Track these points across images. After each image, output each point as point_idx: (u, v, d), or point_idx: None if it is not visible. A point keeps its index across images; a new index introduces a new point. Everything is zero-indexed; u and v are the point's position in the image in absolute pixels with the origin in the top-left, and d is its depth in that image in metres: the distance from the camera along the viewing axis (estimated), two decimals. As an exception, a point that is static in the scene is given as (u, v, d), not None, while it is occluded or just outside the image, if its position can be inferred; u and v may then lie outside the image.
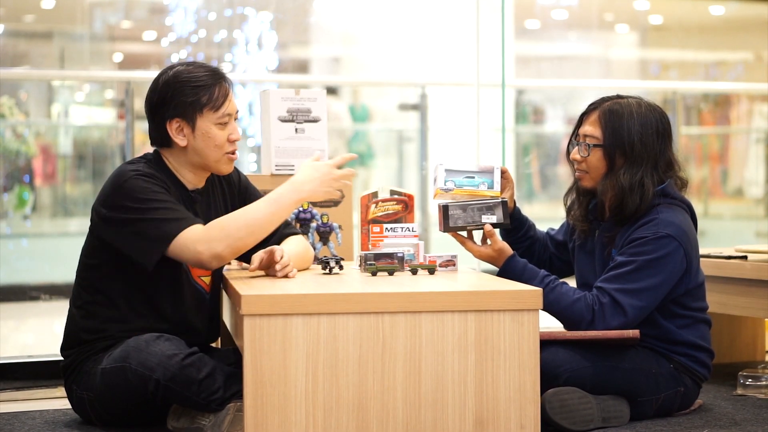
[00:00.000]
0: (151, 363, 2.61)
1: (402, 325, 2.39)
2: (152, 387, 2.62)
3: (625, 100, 2.96)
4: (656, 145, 2.92)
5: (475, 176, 3.00)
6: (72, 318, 2.86)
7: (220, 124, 2.80)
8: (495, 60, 4.49)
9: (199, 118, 2.78)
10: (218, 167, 2.85)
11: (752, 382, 3.28)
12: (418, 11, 9.32)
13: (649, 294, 2.83)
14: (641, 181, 2.88)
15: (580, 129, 2.99)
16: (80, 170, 8.44)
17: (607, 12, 10.79)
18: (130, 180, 2.72)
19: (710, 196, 9.94)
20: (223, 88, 2.82)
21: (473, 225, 2.94)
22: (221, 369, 2.67)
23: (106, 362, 2.71)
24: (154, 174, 2.77)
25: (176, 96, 2.78)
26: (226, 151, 2.82)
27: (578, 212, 3.04)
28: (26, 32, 9.44)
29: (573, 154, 2.99)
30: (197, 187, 2.88)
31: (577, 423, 2.75)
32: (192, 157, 2.83)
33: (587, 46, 11.00)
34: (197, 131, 2.79)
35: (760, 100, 9.99)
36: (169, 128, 2.79)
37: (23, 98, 8.54)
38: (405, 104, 8.39)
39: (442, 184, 2.97)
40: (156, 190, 2.71)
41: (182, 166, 2.85)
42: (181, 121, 2.79)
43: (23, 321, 5.89)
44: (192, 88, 2.78)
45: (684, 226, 2.88)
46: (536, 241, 3.19)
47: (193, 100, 2.77)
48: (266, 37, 8.27)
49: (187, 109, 2.78)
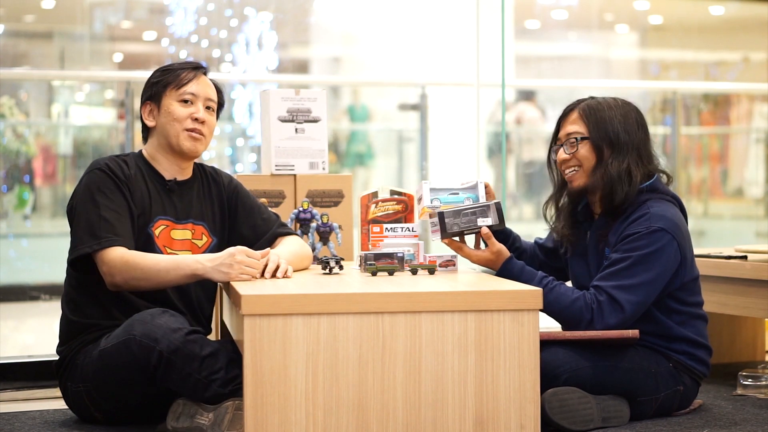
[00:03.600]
0: (156, 334, 2.62)
1: (402, 325, 2.39)
2: (155, 359, 2.62)
3: (600, 98, 3.02)
4: (638, 135, 2.95)
5: (459, 193, 3.01)
6: (63, 316, 2.92)
7: (182, 101, 2.93)
8: (495, 60, 4.49)
9: (164, 97, 2.94)
10: (179, 143, 2.92)
11: (752, 382, 3.28)
12: (418, 11, 9.32)
13: (645, 289, 2.83)
14: (628, 169, 2.91)
15: (561, 131, 3.01)
16: (80, 170, 8.42)
17: (607, 12, 10.79)
18: (92, 172, 2.85)
19: (710, 196, 9.94)
20: (193, 73, 2.96)
21: (470, 229, 2.94)
22: (225, 351, 2.68)
23: (105, 343, 2.73)
24: (122, 170, 2.86)
25: (149, 82, 2.97)
26: (186, 128, 2.91)
27: (564, 222, 3.04)
28: (26, 32, 9.44)
29: (559, 156, 3.00)
30: (176, 178, 2.95)
31: (576, 423, 2.75)
32: (160, 139, 2.95)
33: (587, 46, 11.00)
34: (162, 109, 2.94)
35: (760, 100, 9.99)
36: (143, 112, 2.96)
37: (23, 98, 8.54)
38: (405, 104, 8.39)
39: (428, 203, 2.97)
40: (108, 190, 2.82)
41: (157, 152, 2.96)
42: (151, 103, 2.96)
43: (23, 321, 5.89)
44: (161, 72, 2.97)
45: (676, 219, 2.89)
46: (522, 252, 3.20)
47: (159, 80, 2.95)
48: (266, 37, 8.27)
49: (155, 90, 2.95)
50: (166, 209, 2.90)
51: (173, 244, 2.90)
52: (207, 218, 2.97)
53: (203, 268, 2.69)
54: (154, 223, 2.88)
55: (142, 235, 2.85)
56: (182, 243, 2.91)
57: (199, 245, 2.94)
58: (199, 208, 2.96)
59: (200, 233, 2.95)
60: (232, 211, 3.01)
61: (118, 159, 2.92)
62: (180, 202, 2.93)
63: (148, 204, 2.88)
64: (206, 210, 2.97)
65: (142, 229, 2.85)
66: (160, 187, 2.92)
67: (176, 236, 2.90)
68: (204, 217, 2.96)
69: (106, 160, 2.89)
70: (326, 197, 3.47)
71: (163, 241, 2.88)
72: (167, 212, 2.90)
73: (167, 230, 2.89)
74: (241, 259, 2.66)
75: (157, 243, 2.87)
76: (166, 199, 2.91)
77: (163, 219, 2.89)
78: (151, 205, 2.88)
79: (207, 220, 2.97)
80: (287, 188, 3.46)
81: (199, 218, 2.96)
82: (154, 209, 2.88)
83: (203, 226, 2.96)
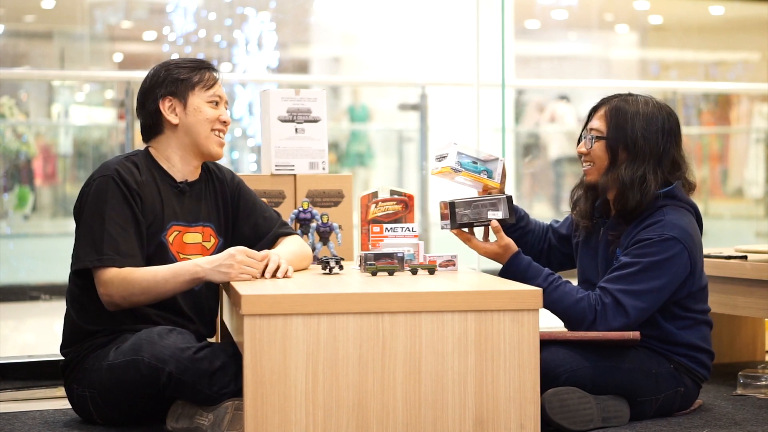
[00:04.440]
0: (165, 355, 2.61)
1: (402, 325, 2.39)
2: (164, 379, 2.62)
3: (634, 98, 2.97)
4: (660, 143, 2.92)
5: (478, 163, 3.01)
6: (68, 316, 2.87)
7: (211, 102, 2.89)
8: (495, 60, 4.49)
9: (191, 95, 2.87)
10: (208, 145, 2.89)
11: (752, 382, 3.27)
12: (418, 11, 9.32)
13: (652, 296, 2.83)
14: (643, 177, 2.89)
15: (589, 123, 3.01)
16: (80, 170, 8.43)
17: (607, 12, 10.79)
18: (102, 179, 2.78)
19: (710, 196, 9.94)
20: (216, 75, 2.93)
21: (479, 221, 2.94)
22: (233, 361, 2.68)
23: (114, 356, 2.71)
24: (133, 176, 2.79)
25: (168, 76, 2.87)
26: (215, 128, 2.88)
27: (584, 208, 3.04)
28: (26, 32, 9.44)
29: (579, 147, 3.01)
30: (187, 179, 2.90)
31: (576, 423, 2.75)
32: (182, 137, 2.88)
33: (587, 46, 11.00)
34: (189, 107, 2.87)
35: (760, 100, 9.99)
36: (162, 107, 2.87)
37: (23, 98, 8.54)
38: (405, 104, 8.39)
39: (453, 163, 2.97)
40: (117, 201, 2.75)
41: (173, 152, 2.89)
42: (173, 99, 2.88)
43: (23, 321, 5.89)
44: (183, 68, 2.89)
45: (689, 228, 2.88)
46: (529, 231, 3.17)
47: (186, 78, 2.88)
48: (266, 37, 8.27)
49: (179, 86, 2.87)
50: (177, 214, 2.86)
51: (186, 248, 2.87)
52: (214, 219, 2.95)
53: (203, 271, 2.68)
54: (167, 230, 2.84)
55: (155, 243, 2.81)
56: (194, 247, 2.89)
57: (208, 247, 2.92)
58: (207, 209, 2.94)
59: (209, 235, 2.93)
60: (234, 210, 3.00)
61: (128, 162, 2.83)
62: (190, 204, 2.89)
63: (160, 210, 2.83)
64: (213, 210, 2.95)
65: (154, 237, 2.81)
66: (171, 190, 2.87)
67: (188, 240, 2.88)
68: (211, 218, 2.94)
69: (117, 165, 2.80)
70: (326, 197, 3.47)
71: (177, 247, 2.85)
72: (179, 217, 2.87)
73: (180, 235, 2.86)
74: (242, 259, 2.65)
75: (171, 250, 2.84)
76: (177, 203, 2.86)
77: (176, 224, 2.86)
78: (164, 211, 2.84)
79: (214, 220, 2.95)
80: (287, 188, 3.46)
81: (207, 220, 2.93)
82: (166, 215, 2.84)
83: (211, 228, 2.94)
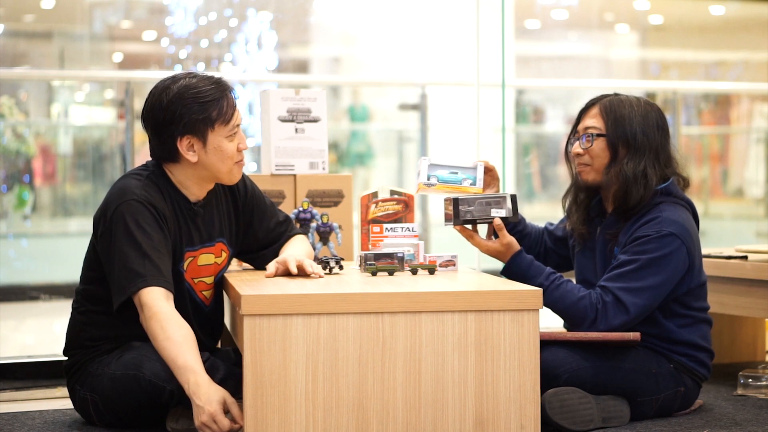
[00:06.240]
0: (166, 374, 2.59)
1: (402, 325, 2.39)
2: (166, 396, 2.63)
3: (624, 96, 3.00)
4: (657, 137, 2.93)
5: (458, 172, 3.00)
6: (75, 322, 2.85)
7: (230, 136, 2.77)
8: (495, 60, 4.48)
9: (210, 133, 2.74)
10: (230, 177, 2.82)
11: (752, 382, 3.27)
12: (418, 11, 9.32)
13: (651, 292, 2.83)
14: (644, 172, 2.89)
15: (580, 124, 3.00)
16: (80, 170, 8.44)
17: (607, 12, 10.79)
18: (131, 204, 2.68)
19: (710, 196, 9.94)
20: (229, 99, 2.77)
21: (483, 219, 2.94)
22: (233, 374, 2.67)
23: (116, 367, 2.69)
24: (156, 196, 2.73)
25: (186, 114, 2.72)
26: (236, 161, 2.80)
27: (577, 216, 3.04)
28: (26, 32, 9.44)
29: (574, 149, 2.99)
30: (199, 199, 2.86)
31: (577, 423, 2.75)
32: (201, 172, 2.79)
33: (587, 46, 11.00)
34: (209, 146, 2.75)
35: (760, 100, 9.99)
36: (180, 146, 2.74)
37: (23, 98, 8.54)
38: (405, 104, 8.40)
39: (425, 179, 2.97)
40: (147, 225, 2.67)
41: (188, 180, 2.81)
42: (192, 137, 2.74)
43: (23, 321, 5.88)
44: (201, 105, 2.72)
45: (687, 224, 2.88)
46: (526, 235, 3.18)
47: (204, 117, 2.72)
48: (266, 37, 8.27)
49: (199, 126, 2.73)
50: (192, 238, 2.82)
51: (200, 271, 2.84)
52: (226, 232, 2.92)
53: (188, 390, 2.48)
54: (183, 259, 2.80)
55: (174, 272, 2.76)
56: (207, 268, 2.85)
57: (219, 263, 2.89)
58: (220, 224, 2.90)
59: (220, 250, 2.90)
60: (247, 217, 2.97)
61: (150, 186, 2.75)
62: (203, 223, 2.85)
63: (178, 237, 2.79)
64: (226, 223, 2.92)
65: (173, 267, 2.76)
66: (186, 213, 2.81)
67: (202, 262, 2.84)
68: (224, 232, 2.91)
69: (142, 189, 2.71)
70: (326, 197, 3.47)
71: (191, 273, 2.82)
72: (194, 241, 2.82)
73: (194, 261, 2.83)
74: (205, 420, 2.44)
75: (186, 279, 2.81)
76: (192, 226, 2.82)
77: (190, 251, 2.82)
78: (181, 238, 2.79)
79: (226, 234, 2.92)
80: (287, 188, 3.46)
81: (219, 235, 2.90)
82: (183, 242, 2.80)
83: (222, 242, 2.90)
